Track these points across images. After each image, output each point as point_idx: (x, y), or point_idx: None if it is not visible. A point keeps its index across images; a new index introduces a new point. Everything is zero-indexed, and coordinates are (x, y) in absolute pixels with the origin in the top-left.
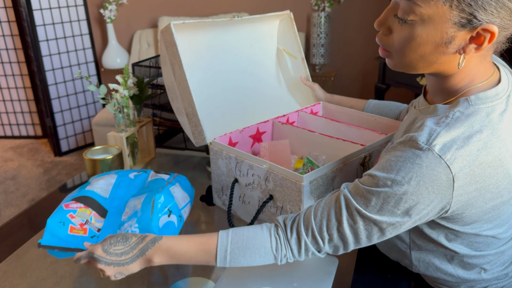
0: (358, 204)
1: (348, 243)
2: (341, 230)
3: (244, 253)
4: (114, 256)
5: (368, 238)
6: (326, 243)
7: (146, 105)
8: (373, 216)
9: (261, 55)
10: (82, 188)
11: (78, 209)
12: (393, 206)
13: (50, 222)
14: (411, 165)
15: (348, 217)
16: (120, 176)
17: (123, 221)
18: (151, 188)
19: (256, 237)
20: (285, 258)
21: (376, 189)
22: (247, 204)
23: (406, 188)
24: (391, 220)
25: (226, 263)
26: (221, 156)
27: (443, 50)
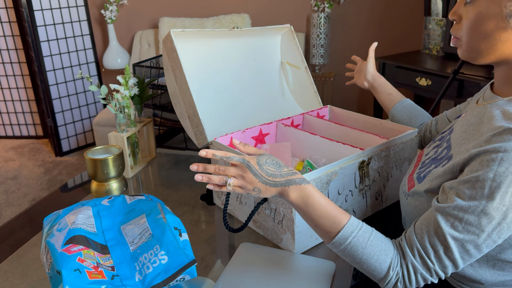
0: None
1: (456, 260)
2: (446, 243)
3: (365, 246)
4: (264, 172)
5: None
6: (434, 262)
7: (146, 105)
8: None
9: (264, 66)
10: (54, 223)
11: (82, 251)
12: (499, 200)
13: (66, 273)
14: (499, 166)
15: (450, 227)
16: (94, 206)
17: (137, 252)
18: (140, 211)
19: (384, 240)
20: (396, 277)
21: (478, 184)
22: (244, 205)
23: (510, 181)
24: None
25: (342, 246)
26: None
27: (504, 25)
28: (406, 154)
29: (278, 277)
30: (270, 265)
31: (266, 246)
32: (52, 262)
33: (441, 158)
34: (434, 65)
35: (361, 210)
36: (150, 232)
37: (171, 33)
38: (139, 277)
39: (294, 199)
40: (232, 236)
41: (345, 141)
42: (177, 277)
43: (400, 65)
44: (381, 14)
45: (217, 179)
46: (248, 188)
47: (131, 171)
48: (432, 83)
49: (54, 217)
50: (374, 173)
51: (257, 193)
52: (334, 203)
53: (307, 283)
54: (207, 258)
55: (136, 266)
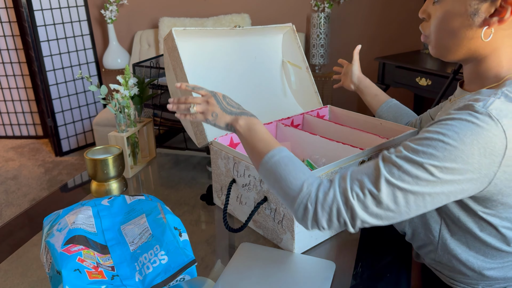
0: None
1: (382, 202)
2: (378, 185)
3: (287, 163)
4: (225, 102)
5: (407, 206)
6: (357, 196)
7: (146, 105)
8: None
9: (265, 65)
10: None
11: (82, 251)
12: (440, 159)
13: (66, 273)
14: (467, 123)
15: (387, 173)
16: (94, 206)
17: (137, 252)
18: (140, 210)
19: (303, 165)
20: (307, 197)
21: (427, 141)
22: (244, 205)
23: (456, 145)
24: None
25: (268, 163)
26: (221, 156)
27: (469, 23)
28: None
29: (278, 277)
30: (270, 265)
31: (266, 246)
32: (52, 262)
33: None
34: (434, 65)
35: None
36: (150, 232)
37: (173, 31)
38: (139, 277)
39: (241, 125)
40: (232, 236)
41: (345, 141)
42: (177, 277)
43: (400, 65)
44: (381, 14)
45: (183, 106)
46: (208, 113)
47: (131, 171)
48: (432, 83)
49: (54, 217)
50: None
51: (213, 118)
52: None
53: (307, 283)
54: (207, 258)
55: (136, 266)
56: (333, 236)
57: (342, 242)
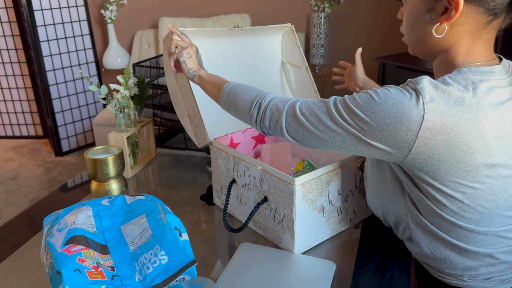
0: (340, 104)
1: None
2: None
3: (241, 85)
4: (200, 56)
5: (334, 137)
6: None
7: (146, 105)
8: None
9: (264, 65)
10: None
11: (82, 251)
12: (362, 110)
13: (66, 273)
14: (397, 90)
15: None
16: (94, 206)
17: (137, 252)
18: (140, 211)
19: (254, 88)
20: (262, 99)
21: (362, 94)
22: (244, 205)
23: (379, 102)
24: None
25: (226, 91)
26: (221, 156)
27: (425, 20)
28: None
29: (278, 277)
30: (270, 265)
31: (266, 246)
32: (52, 262)
33: None
34: None
35: (361, 210)
36: (150, 232)
37: (168, 33)
38: (139, 277)
39: (203, 73)
40: (232, 236)
41: None
42: (177, 277)
43: (400, 65)
44: (381, 13)
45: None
46: (185, 51)
47: (131, 171)
48: None
49: (54, 217)
50: None
51: (187, 57)
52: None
53: (307, 283)
54: (207, 258)
55: (136, 266)
56: (333, 236)
57: (342, 242)
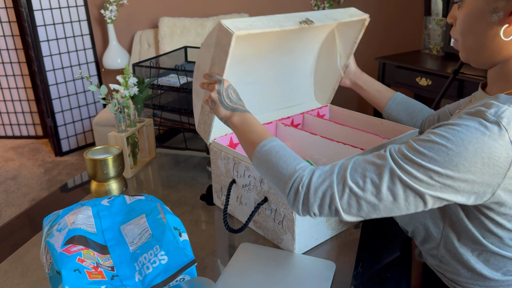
0: (405, 162)
1: (380, 205)
2: (378, 184)
3: (278, 150)
4: (224, 93)
5: (406, 201)
6: (353, 189)
7: (146, 105)
8: (417, 174)
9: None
10: (54, 223)
11: (81, 251)
12: (441, 165)
13: (66, 273)
14: (474, 130)
15: (392, 166)
16: (94, 206)
17: (137, 252)
18: (140, 211)
19: (294, 153)
20: (299, 180)
21: (430, 144)
22: (244, 205)
23: (457, 150)
24: (432, 183)
25: (260, 152)
26: (220, 157)
27: (488, 21)
28: None
29: (278, 277)
30: (270, 265)
31: (266, 246)
32: (51, 262)
33: None
34: (434, 65)
35: None
36: (150, 232)
37: (233, 39)
38: (139, 277)
39: (235, 120)
40: (232, 236)
41: (346, 141)
42: (177, 277)
43: (400, 65)
44: (381, 14)
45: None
46: (209, 99)
47: (131, 171)
48: (432, 83)
49: (54, 217)
50: None
51: (212, 106)
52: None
53: (307, 283)
54: (207, 258)
55: (136, 266)
56: (333, 237)
57: (342, 242)
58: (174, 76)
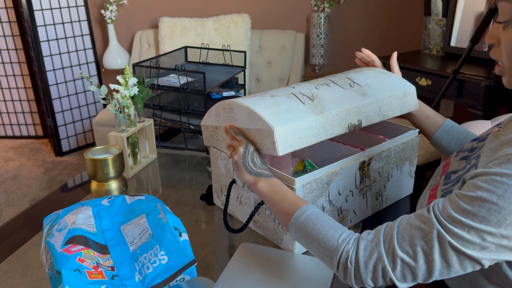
0: (453, 225)
1: (434, 272)
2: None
3: (315, 222)
4: (248, 157)
5: (461, 265)
6: (404, 260)
7: (146, 105)
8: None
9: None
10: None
11: (82, 251)
12: (494, 225)
13: (66, 273)
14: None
15: (439, 231)
16: (94, 206)
17: (137, 252)
18: (140, 211)
19: (338, 223)
20: (346, 256)
21: (478, 203)
22: (244, 205)
23: (509, 208)
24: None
25: (296, 225)
26: (220, 157)
27: None
28: (407, 154)
29: (278, 277)
30: (270, 265)
31: (266, 246)
32: (52, 262)
33: (465, 173)
34: (434, 65)
35: (362, 210)
36: (150, 232)
37: (278, 153)
38: (139, 277)
39: (262, 187)
40: (232, 236)
41: (346, 141)
42: (177, 277)
43: (400, 65)
44: (381, 14)
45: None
46: (233, 159)
47: (131, 171)
48: (432, 83)
49: (54, 217)
50: (375, 173)
51: (235, 168)
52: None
53: (307, 283)
54: (207, 258)
55: (136, 266)
56: None
57: None
58: (174, 76)
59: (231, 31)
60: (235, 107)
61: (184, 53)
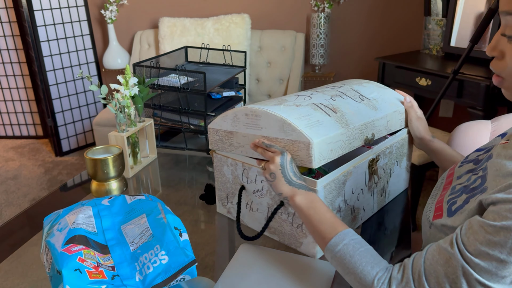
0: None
1: None
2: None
3: (353, 255)
4: (288, 167)
5: None
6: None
7: (147, 105)
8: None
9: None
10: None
11: (82, 251)
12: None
13: (66, 273)
14: None
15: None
16: (95, 205)
17: (137, 252)
18: (140, 210)
19: (376, 256)
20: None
21: (503, 233)
22: (255, 211)
23: None
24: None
25: (333, 251)
26: (226, 163)
27: None
28: (405, 150)
29: (278, 278)
30: (270, 266)
31: (266, 247)
32: (52, 261)
33: (474, 189)
34: (434, 65)
35: (369, 208)
36: (150, 232)
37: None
38: (140, 277)
39: (299, 201)
40: (232, 236)
41: None
42: (177, 277)
43: (400, 65)
44: (381, 14)
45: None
46: (268, 169)
47: (131, 171)
48: (432, 83)
49: (54, 217)
50: (380, 170)
51: (271, 179)
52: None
53: (307, 284)
54: (207, 258)
55: (137, 266)
56: None
57: None
58: (175, 76)
59: (231, 31)
60: (263, 115)
61: (184, 53)
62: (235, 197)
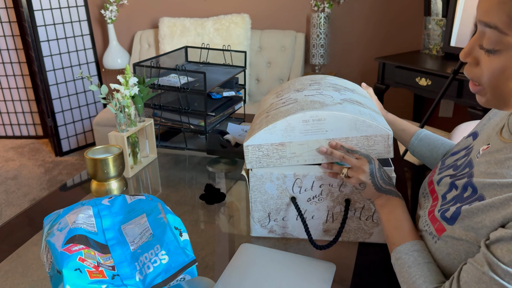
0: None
1: None
2: None
3: (410, 265)
4: (379, 174)
5: None
6: None
7: (147, 105)
8: None
9: None
10: (54, 223)
11: (82, 251)
12: None
13: (66, 273)
14: None
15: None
16: (95, 205)
17: (137, 251)
18: (141, 210)
19: (433, 273)
20: None
21: None
22: (309, 220)
23: None
24: None
25: (395, 258)
26: (270, 179)
27: None
28: None
29: (278, 277)
30: (270, 266)
31: (266, 247)
32: (52, 261)
33: (467, 197)
34: (434, 65)
35: None
36: (150, 231)
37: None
38: (140, 277)
39: (380, 204)
40: (232, 236)
41: None
42: (177, 277)
43: (400, 65)
44: (381, 14)
45: (337, 168)
46: (356, 179)
47: (131, 171)
48: (432, 83)
49: (55, 217)
50: None
51: (361, 188)
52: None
53: (307, 284)
54: (207, 258)
55: (137, 265)
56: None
57: (342, 243)
58: (175, 76)
59: (231, 31)
60: (327, 117)
61: (184, 53)
62: (281, 213)
